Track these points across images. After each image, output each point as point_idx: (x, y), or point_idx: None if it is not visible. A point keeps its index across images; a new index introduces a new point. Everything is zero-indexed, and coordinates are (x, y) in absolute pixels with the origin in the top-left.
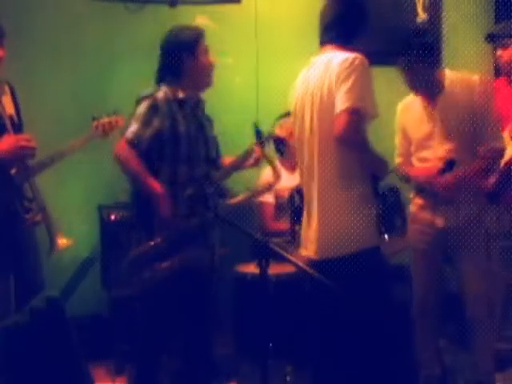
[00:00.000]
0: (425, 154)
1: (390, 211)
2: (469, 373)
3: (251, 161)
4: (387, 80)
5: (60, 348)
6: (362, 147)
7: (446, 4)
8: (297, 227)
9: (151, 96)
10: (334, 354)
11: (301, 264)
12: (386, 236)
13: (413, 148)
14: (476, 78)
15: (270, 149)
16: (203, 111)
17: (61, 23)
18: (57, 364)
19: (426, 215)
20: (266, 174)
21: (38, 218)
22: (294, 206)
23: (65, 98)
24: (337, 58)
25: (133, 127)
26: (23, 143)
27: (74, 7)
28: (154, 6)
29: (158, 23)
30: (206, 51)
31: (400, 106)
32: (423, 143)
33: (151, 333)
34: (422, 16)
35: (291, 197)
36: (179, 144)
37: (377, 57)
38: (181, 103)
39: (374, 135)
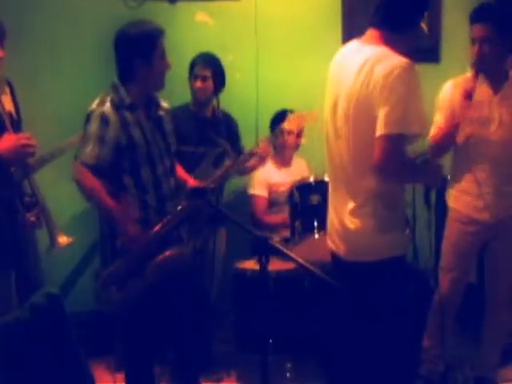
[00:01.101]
0: (475, 137)
1: None
2: (468, 369)
3: (256, 159)
4: None
5: (60, 344)
6: (399, 176)
7: (446, 2)
8: (296, 223)
9: (98, 110)
10: (338, 351)
11: (301, 261)
12: None
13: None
14: None
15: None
16: (159, 106)
17: (60, 21)
18: (57, 359)
19: (469, 211)
20: (260, 171)
21: (39, 217)
22: (293, 202)
23: (64, 96)
24: (381, 65)
25: (88, 148)
26: (24, 141)
27: (73, 4)
28: (154, 2)
29: (158, 20)
30: (163, 55)
31: (451, 83)
32: (477, 126)
33: (138, 345)
34: None
35: (290, 194)
36: (136, 150)
37: None
38: (131, 107)
39: None
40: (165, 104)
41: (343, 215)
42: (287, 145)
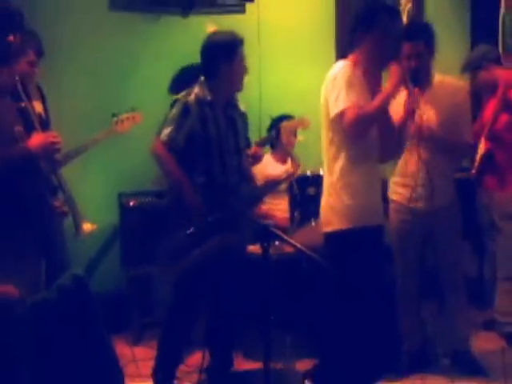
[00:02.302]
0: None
1: None
2: (448, 342)
3: (250, 161)
4: None
5: (86, 323)
6: (370, 121)
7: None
8: (296, 213)
9: (184, 99)
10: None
11: (298, 245)
12: None
13: None
14: (462, 83)
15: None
16: (236, 107)
17: (84, 31)
18: (83, 339)
19: (405, 201)
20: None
21: (66, 208)
22: (292, 194)
23: (88, 100)
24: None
25: (167, 129)
26: (51, 139)
27: (96, 17)
28: (169, 16)
29: (172, 32)
30: (243, 59)
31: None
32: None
33: (183, 309)
34: (407, 5)
35: (290, 186)
36: (210, 142)
37: None
38: (211, 104)
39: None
40: (242, 108)
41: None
42: (286, 144)
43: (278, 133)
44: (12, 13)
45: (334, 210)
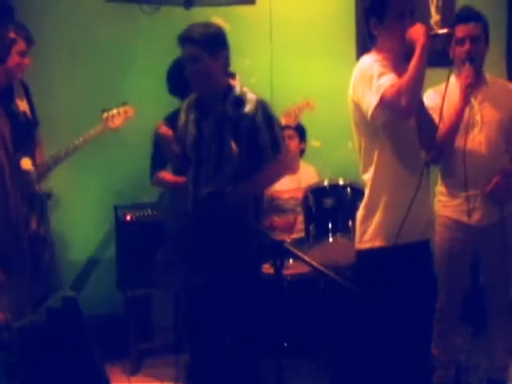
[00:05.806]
0: (458, 141)
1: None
2: (482, 372)
3: None
4: None
5: (76, 347)
6: (411, 91)
7: (459, 4)
8: (310, 227)
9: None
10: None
11: (315, 264)
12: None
13: None
14: None
15: None
16: (227, 112)
17: (77, 23)
18: (73, 363)
19: (458, 215)
20: None
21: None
22: (307, 206)
23: (80, 95)
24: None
25: None
26: None
27: (90, 7)
28: (169, 7)
29: (173, 25)
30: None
31: (433, 91)
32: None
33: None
34: (435, 17)
35: (305, 197)
36: (185, 147)
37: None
38: (194, 105)
39: None
40: (248, 107)
41: None
42: (289, 149)
43: None
44: (9, 8)
45: (366, 224)
